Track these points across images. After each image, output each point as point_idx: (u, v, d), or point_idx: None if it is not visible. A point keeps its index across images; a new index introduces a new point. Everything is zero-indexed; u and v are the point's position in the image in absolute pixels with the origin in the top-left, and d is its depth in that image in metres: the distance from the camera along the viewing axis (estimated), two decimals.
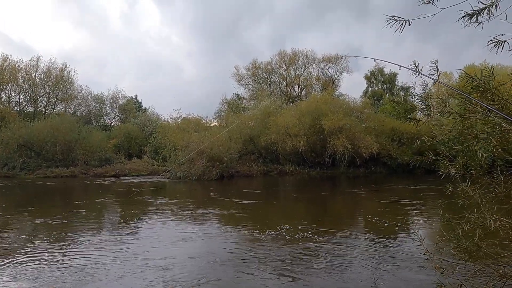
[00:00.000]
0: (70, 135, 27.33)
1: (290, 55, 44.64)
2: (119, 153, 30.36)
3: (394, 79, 44.40)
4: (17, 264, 5.64)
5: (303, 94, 45.06)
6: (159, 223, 9.13)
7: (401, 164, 26.08)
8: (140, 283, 4.81)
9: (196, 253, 6.25)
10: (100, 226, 8.86)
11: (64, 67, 38.97)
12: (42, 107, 39.05)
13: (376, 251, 6.30)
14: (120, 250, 6.46)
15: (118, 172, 25.79)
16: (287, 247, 6.55)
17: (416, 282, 4.68)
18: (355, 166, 26.01)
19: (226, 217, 10.13)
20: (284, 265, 5.50)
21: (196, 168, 21.75)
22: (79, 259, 5.88)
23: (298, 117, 26.01)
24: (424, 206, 11.74)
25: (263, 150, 27.87)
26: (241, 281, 4.93)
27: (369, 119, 27.66)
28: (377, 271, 5.14)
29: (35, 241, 7.12)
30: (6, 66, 35.51)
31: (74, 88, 40.24)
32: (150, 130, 34.43)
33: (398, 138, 27.04)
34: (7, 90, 36.59)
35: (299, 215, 10.41)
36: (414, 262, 5.45)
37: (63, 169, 25.43)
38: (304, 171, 25.95)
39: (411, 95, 4.87)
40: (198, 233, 7.84)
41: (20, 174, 25.10)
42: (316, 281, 4.83)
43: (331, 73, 45.60)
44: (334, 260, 5.70)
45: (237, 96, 46.03)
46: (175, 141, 25.24)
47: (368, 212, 10.62)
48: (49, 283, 4.79)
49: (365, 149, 24.08)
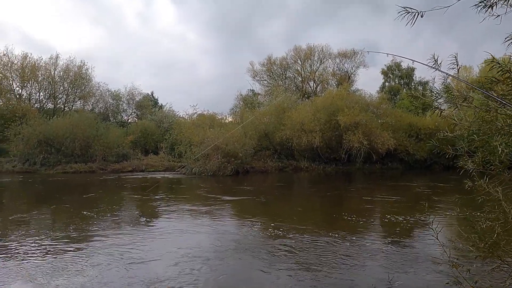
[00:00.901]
0: (88, 132, 27.82)
1: (306, 51, 44.30)
2: (136, 149, 30.75)
3: (411, 74, 43.65)
4: (37, 257, 5.79)
5: (319, 90, 44.72)
6: (175, 218, 9.24)
7: (419, 160, 25.72)
8: (156, 275, 4.88)
9: (210, 247, 6.30)
10: (118, 220, 9.01)
11: (82, 64, 39.66)
12: (61, 104, 39.89)
13: (391, 247, 6.23)
14: (136, 243, 6.56)
15: (135, 168, 26.16)
16: (301, 243, 6.54)
17: (431, 279, 4.61)
18: (371, 162, 25.72)
19: (240, 212, 10.18)
20: (296, 261, 5.50)
21: (212, 164, 21.88)
22: (97, 253, 6.00)
23: (314, 112, 25.83)
24: (441, 202, 11.54)
25: (278, 146, 27.81)
26: (254, 275, 4.95)
27: (385, 115, 27.29)
28: (392, 268, 5.09)
29: (55, 235, 7.29)
30: (27, 64, 36.34)
31: (92, 85, 40.96)
32: (166, 126, 34.74)
33: (416, 134, 26.60)
34: (28, 87, 37.49)
35: (313, 211, 10.38)
36: (430, 259, 5.37)
37: (81, 165, 25.95)
38: (319, 167, 25.79)
39: (429, 90, 4.81)
40: (214, 228, 7.90)
41: (40, 169, 25.71)
42: (330, 277, 4.81)
43: (347, 68, 45.12)
44: (349, 257, 5.66)
45: (252, 92, 46.02)
46: (190, 137, 25.42)
47: (384, 208, 10.51)
48: (70, 277, 4.90)
49: (381, 145, 23.79)
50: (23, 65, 36.14)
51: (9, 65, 35.78)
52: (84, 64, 39.84)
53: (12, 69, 35.94)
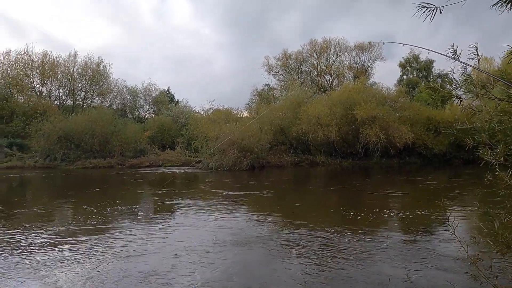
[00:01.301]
0: (106, 128, 28.32)
1: (321, 44, 43.92)
2: (153, 145, 31.15)
3: (430, 66, 42.70)
4: (59, 251, 5.93)
5: (335, 84, 44.32)
6: (192, 212, 9.31)
7: (437, 154, 25.22)
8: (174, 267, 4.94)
9: (226, 241, 6.33)
10: (136, 214, 9.14)
11: (100, 61, 40.40)
12: (80, 101, 40.74)
13: (408, 243, 6.13)
14: (155, 238, 6.63)
15: (152, 163, 26.51)
16: (315, 238, 6.51)
17: (450, 274, 4.52)
18: (389, 156, 25.35)
19: (256, 207, 10.19)
20: (310, 256, 5.46)
21: (228, 159, 21.98)
22: (116, 247, 6.10)
23: (330, 106, 25.60)
24: (460, 197, 11.31)
25: (294, 141, 27.71)
26: (265, 269, 4.95)
27: (403, 108, 26.82)
28: (410, 263, 5.01)
29: (75, 228, 7.45)
30: (46, 62, 37.16)
31: (109, 82, 41.71)
32: (182, 122, 35.05)
33: (434, 128, 26.06)
34: (48, 85, 38.38)
35: (328, 206, 10.32)
36: (448, 254, 5.27)
37: (100, 160, 26.47)
38: (336, 161, 25.57)
39: (448, 81, 4.67)
40: (230, 223, 7.93)
41: (61, 165, 26.33)
42: (344, 273, 4.77)
43: (363, 62, 44.59)
44: (364, 252, 5.59)
45: (267, 87, 45.95)
46: (206, 132, 25.57)
47: (401, 203, 10.36)
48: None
49: (399, 139, 23.42)
50: (43, 62, 37.03)
51: (30, 63, 36.71)
52: (102, 61, 40.59)
53: (33, 67, 36.86)
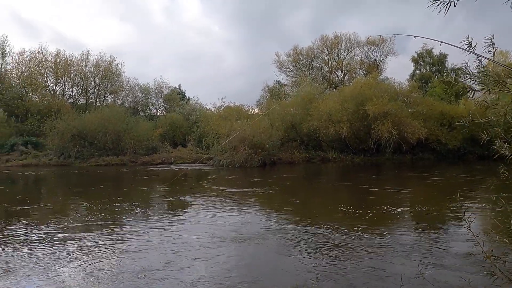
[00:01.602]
0: (119, 125, 28.58)
1: (332, 40, 43.52)
2: (165, 142, 31.35)
3: (443, 61, 41.95)
4: (72, 246, 6.03)
5: (346, 79, 43.94)
6: (203, 208, 9.37)
7: (451, 150, 24.85)
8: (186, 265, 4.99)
9: (239, 237, 6.35)
10: (148, 210, 9.24)
11: (112, 60, 40.79)
12: (93, 99, 41.23)
13: (422, 239, 6.08)
14: (166, 234, 6.70)
15: (164, 160, 26.70)
16: (329, 234, 6.48)
17: (464, 271, 4.45)
18: (401, 152, 25.08)
19: (267, 204, 10.20)
20: (322, 251, 5.46)
21: (239, 156, 22.02)
22: (128, 242, 6.18)
23: (341, 102, 25.42)
24: (475, 192, 11.14)
25: (305, 137, 27.61)
26: (281, 264, 4.96)
27: (416, 103, 26.45)
28: (423, 259, 4.96)
29: (89, 224, 7.57)
30: (60, 61, 37.67)
31: (121, 80, 42.09)
32: (194, 119, 35.21)
33: (448, 123, 25.67)
34: (61, 83, 38.94)
35: (341, 202, 10.24)
36: (462, 250, 5.20)
37: (113, 158, 26.76)
38: (347, 158, 25.40)
39: (463, 74, 4.57)
40: (241, 219, 7.95)
41: (74, 162, 26.69)
42: (358, 267, 4.75)
43: (375, 57, 44.06)
44: (377, 247, 5.56)
45: (278, 83, 45.80)
46: (217, 129, 25.64)
47: (414, 199, 10.25)
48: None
49: (412, 134, 23.14)
50: (56, 61, 37.55)
51: (44, 62, 37.26)
52: (114, 60, 40.97)
53: (46, 66, 37.41)
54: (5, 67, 37.86)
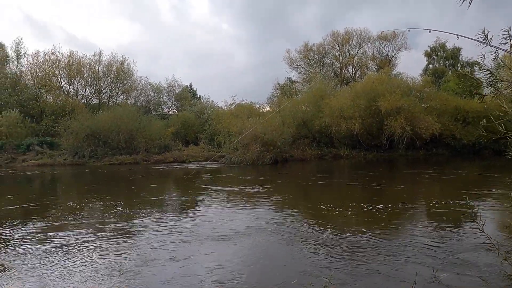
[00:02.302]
0: (132, 125, 28.88)
1: (343, 35, 43.06)
2: (177, 141, 31.54)
3: (457, 54, 41.14)
4: (88, 242, 6.12)
5: (358, 75, 43.47)
6: (216, 206, 9.41)
7: (466, 145, 24.40)
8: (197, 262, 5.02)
9: (249, 235, 6.36)
10: (162, 208, 9.33)
11: (124, 60, 41.13)
12: (106, 99, 41.67)
13: (436, 239, 5.97)
14: (180, 232, 6.75)
15: (177, 159, 26.91)
16: (341, 232, 6.44)
17: (480, 272, 4.36)
18: (415, 148, 24.80)
19: (279, 201, 10.18)
20: (336, 251, 5.42)
21: (251, 153, 22.03)
22: (142, 239, 6.24)
23: (353, 98, 25.22)
24: (491, 190, 10.92)
25: (317, 134, 27.48)
26: (291, 261, 4.95)
27: (429, 98, 26.08)
28: (437, 260, 4.86)
29: (104, 221, 7.67)
30: (73, 62, 38.16)
31: (133, 80, 42.41)
32: (205, 117, 35.32)
33: (463, 118, 25.26)
34: (75, 84, 39.46)
35: (354, 198, 10.17)
36: (478, 252, 5.10)
37: (126, 157, 27.08)
38: (360, 154, 25.22)
39: (478, 68, 4.41)
40: (254, 217, 7.96)
41: (89, 162, 27.08)
42: (370, 268, 4.69)
43: (387, 52, 43.45)
44: (391, 248, 5.49)
45: (289, 80, 45.61)
46: (229, 127, 25.69)
47: (428, 197, 10.09)
48: (117, 261, 5.15)
49: (425, 130, 22.85)
50: (69, 62, 38.03)
51: (57, 63, 37.78)
52: (126, 59, 41.30)
53: (60, 67, 37.93)
54: (20, 69, 38.54)
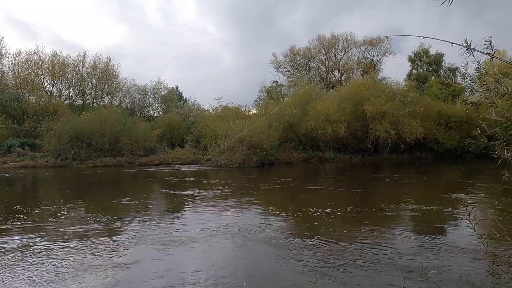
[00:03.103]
0: (116, 126, 28.44)
1: (329, 40, 43.58)
2: (162, 143, 31.26)
3: (440, 60, 41.98)
4: (69, 248, 6.01)
5: (344, 79, 44.01)
6: (202, 209, 9.36)
7: (449, 149, 25.00)
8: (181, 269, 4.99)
9: (232, 242, 6.35)
10: (147, 212, 9.23)
11: (109, 60, 40.66)
12: (90, 100, 41.06)
13: (424, 238, 6.09)
14: (164, 237, 6.70)
15: (162, 161, 26.66)
16: (326, 233, 6.49)
17: (467, 271, 4.47)
18: (399, 151, 25.20)
19: (264, 205, 10.20)
20: (321, 251, 5.46)
21: (237, 156, 22.01)
22: (127, 242, 6.17)
23: (339, 102, 25.48)
24: (475, 192, 11.18)
25: (303, 137, 27.65)
26: (277, 267, 4.96)
27: (413, 103, 26.55)
28: (426, 258, 4.97)
29: (87, 227, 7.54)
30: (56, 62, 37.52)
31: (118, 81, 41.94)
32: (192, 120, 35.15)
33: (445, 122, 25.81)
34: (58, 84, 38.80)
35: (339, 201, 10.26)
36: (465, 250, 5.22)
37: (111, 159, 26.66)
38: (345, 157, 25.48)
39: (461, 75, 4.56)
40: (239, 221, 7.95)
41: (72, 164, 26.55)
42: (358, 267, 4.75)
43: (372, 57, 44.15)
44: (380, 247, 5.57)
45: (275, 84, 45.81)
46: (215, 130, 25.62)
47: (414, 199, 10.26)
48: (102, 267, 5.07)
49: (409, 134, 23.26)
50: (53, 62, 37.37)
51: (40, 63, 37.08)
52: (110, 60, 40.83)
53: (43, 67, 37.23)
54: (1, 69, 37.64)
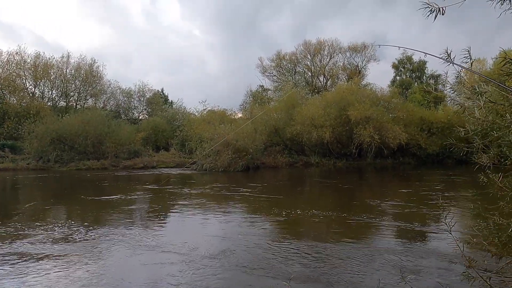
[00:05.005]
0: (100, 129, 28.11)
1: (315, 45, 44.09)
2: (147, 146, 31.01)
3: (423, 67, 42.96)
4: (50, 253, 5.90)
5: (329, 84, 44.50)
6: (186, 213, 9.30)
7: (431, 155, 25.49)
8: (163, 273, 4.94)
9: (216, 248, 6.33)
10: (130, 216, 9.11)
11: (93, 62, 40.21)
12: (74, 102, 40.43)
13: (403, 242, 6.19)
14: (147, 241, 6.63)
15: (146, 165, 26.41)
16: (309, 239, 6.53)
17: (444, 274, 4.57)
18: (383, 157, 25.52)
19: (249, 208, 10.19)
20: (305, 256, 5.49)
21: (222, 160, 21.94)
22: (109, 247, 6.08)
23: (324, 107, 25.71)
24: (454, 197, 11.41)
25: (288, 142, 27.77)
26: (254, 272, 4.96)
27: (397, 109, 26.98)
28: (404, 262, 5.05)
29: (69, 231, 7.41)
30: (39, 63, 36.85)
31: (103, 83, 41.50)
32: (178, 123, 34.97)
33: (428, 128, 26.30)
34: (41, 86, 38.08)
35: (323, 206, 10.33)
36: (442, 254, 5.32)
37: (94, 162, 26.29)
38: (330, 162, 25.70)
39: (442, 83, 4.69)
40: (222, 226, 7.93)
41: (54, 166, 26.08)
42: (338, 273, 4.78)
43: (357, 62, 44.81)
44: (358, 252, 5.62)
45: (261, 88, 46.00)
46: (201, 133, 25.53)
47: (395, 203, 10.41)
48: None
49: (393, 139, 23.59)
50: (35, 63, 36.71)
51: (22, 63, 36.36)
52: (95, 62, 40.39)
53: (25, 68, 36.52)
54: None
